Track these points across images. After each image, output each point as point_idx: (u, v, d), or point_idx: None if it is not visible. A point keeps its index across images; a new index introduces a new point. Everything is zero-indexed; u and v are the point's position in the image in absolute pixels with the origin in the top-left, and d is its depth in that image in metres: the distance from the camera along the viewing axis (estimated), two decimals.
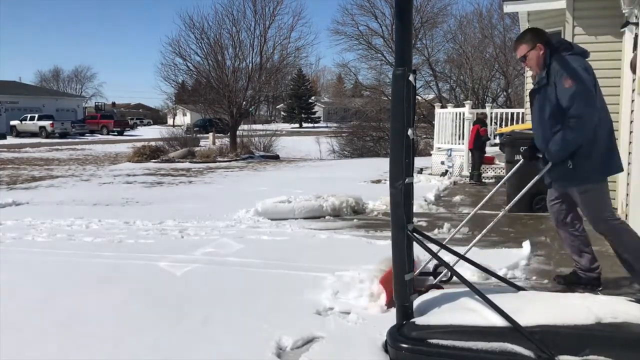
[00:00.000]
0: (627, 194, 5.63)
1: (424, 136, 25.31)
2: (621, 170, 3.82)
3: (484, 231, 3.69)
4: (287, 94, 55.17)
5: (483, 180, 11.52)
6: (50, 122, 40.54)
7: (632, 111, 5.64)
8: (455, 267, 3.10)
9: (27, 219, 7.23)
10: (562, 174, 3.66)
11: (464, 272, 3.98)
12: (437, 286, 3.48)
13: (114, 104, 74.87)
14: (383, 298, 3.52)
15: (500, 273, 4.06)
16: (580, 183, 3.60)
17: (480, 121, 11.76)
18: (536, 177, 3.72)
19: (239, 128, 23.83)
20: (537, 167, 3.85)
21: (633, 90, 5.57)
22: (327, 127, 51.47)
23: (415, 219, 2.91)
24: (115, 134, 46.33)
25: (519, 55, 3.81)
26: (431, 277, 3.71)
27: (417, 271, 3.60)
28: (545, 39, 3.74)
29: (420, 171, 13.26)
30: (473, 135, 11.64)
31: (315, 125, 63.26)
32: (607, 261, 4.71)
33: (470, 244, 3.76)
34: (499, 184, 4.04)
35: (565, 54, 3.62)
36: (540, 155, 3.82)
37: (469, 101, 14.63)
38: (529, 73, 9.44)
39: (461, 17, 35.41)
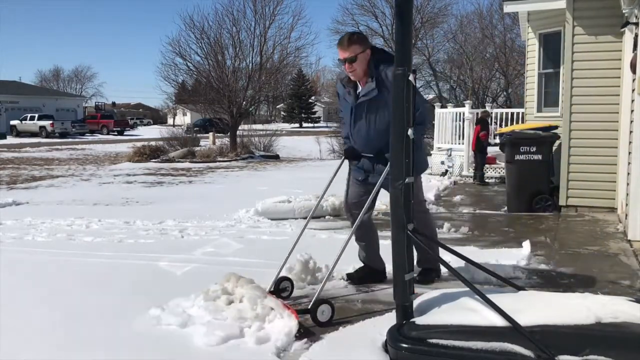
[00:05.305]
0: (627, 194, 5.63)
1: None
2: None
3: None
4: (287, 94, 55.16)
5: (486, 180, 11.54)
6: (50, 122, 40.59)
7: (632, 111, 5.64)
8: (454, 267, 3.09)
9: (27, 219, 7.23)
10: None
11: (464, 272, 3.99)
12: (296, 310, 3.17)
13: (114, 103, 74.87)
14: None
15: (500, 273, 4.07)
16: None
17: (482, 121, 11.73)
18: (380, 179, 3.54)
19: (239, 128, 23.81)
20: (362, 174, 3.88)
21: (633, 90, 5.57)
22: (327, 127, 51.45)
23: None
24: (115, 133, 46.35)
25: (349, 54, 3.54)
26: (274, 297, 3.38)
27: (269, 287, 3.56)
28: (370, 46, 3.65)
29: None
30: (475, 137, 11.64)
31: (315, 125, 63.27)
32: (607, 261, 4.72)
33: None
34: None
35: (392, 64, 3.47)
36: (364, 154, 3.81)
37: (469, 101, 14.62)
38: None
39: (462, 17, 35.50)
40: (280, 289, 3.71)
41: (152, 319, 3.31)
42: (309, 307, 3.22)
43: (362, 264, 4.14)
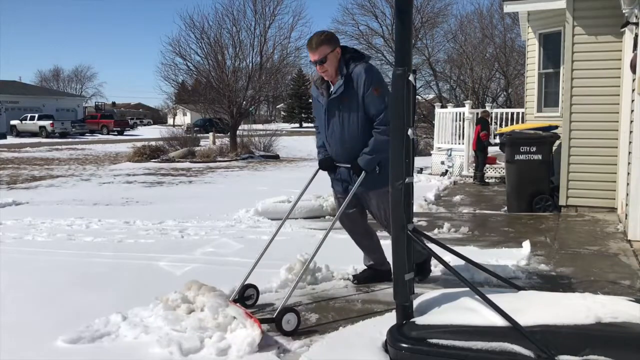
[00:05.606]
0: (627, 194, 5.63)
1: (424, 136, 25.29)
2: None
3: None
4: (287, 93, 55.13)
5: (486, 180, 11.54)
6: (50, 121, 40.57)
7: (632, 111, 5.64)
8: (453, 266, 3.09)
9: (27, 219, 7.23)
10: (367, 180, 3.55)
11: (464, 272, 3.99)
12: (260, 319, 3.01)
13: (114, 103, 74.90)
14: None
15: (500, 273, 4.07)
16: (384, 185, 3.13)
17: (483, 121, 11.73)
18: (354, 188, 3.56)
19: (239, 128, 23.82)
20: (341, 176, 3.84)
21: (633, 90, 5.57)
22: None
23: (415, 219, 2.90)
24: (115, 133, 46.32)
25: (319, 56, 3.48)
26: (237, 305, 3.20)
27: (232, 295, 3.45)
28: (340, 44, 3.57)
29: (420, 171, 13.27)
30: (476, 137, 11.65)
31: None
32: (607, 261, 4.72)
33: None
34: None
35: (362, 62, 3.54)
36: (340, 164, 3.74)
37: (469, 101, 14.63)
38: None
39: (462, 17, 35.48)
40: (245, 296, 3.57)
41: (113, 326, 3.19)
42: (274, 315, 3.09)
43: (365, 266, 4.13)
